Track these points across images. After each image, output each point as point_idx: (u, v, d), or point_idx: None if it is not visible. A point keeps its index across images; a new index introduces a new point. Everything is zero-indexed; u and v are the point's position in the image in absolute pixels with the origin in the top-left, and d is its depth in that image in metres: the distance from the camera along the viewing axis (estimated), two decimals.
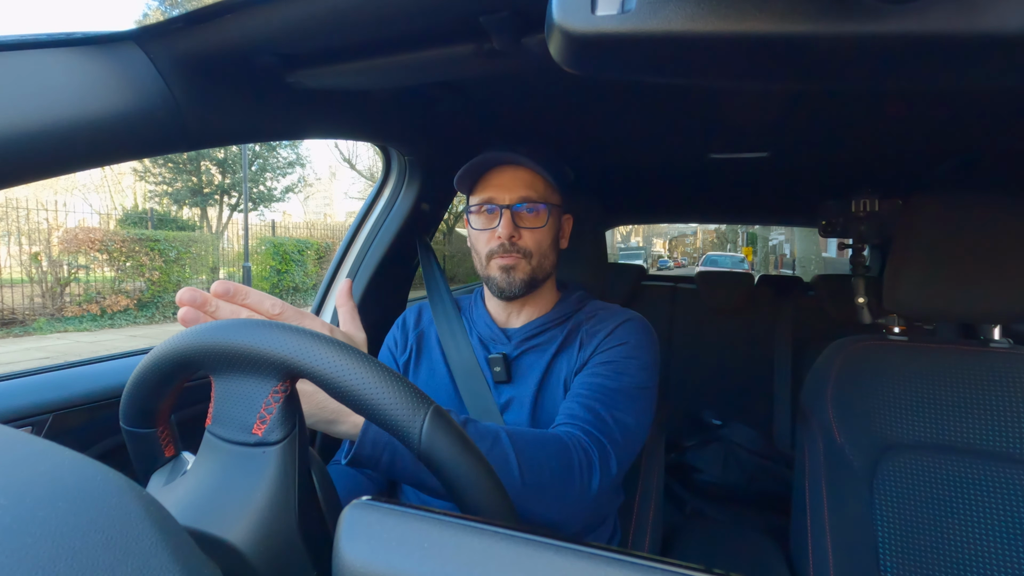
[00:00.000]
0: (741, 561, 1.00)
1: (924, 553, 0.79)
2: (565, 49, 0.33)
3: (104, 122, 0.53)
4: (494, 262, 0.82)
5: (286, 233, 11.77)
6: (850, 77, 0.35)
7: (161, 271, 8.34)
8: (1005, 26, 0.27)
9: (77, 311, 7.57)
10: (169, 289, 8.48)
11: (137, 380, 0.44)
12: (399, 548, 0.27)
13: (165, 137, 0.61)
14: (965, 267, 0.81)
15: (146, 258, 8.13)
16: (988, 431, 0.80)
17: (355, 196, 19.35)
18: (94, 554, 0.22)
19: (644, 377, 0.77)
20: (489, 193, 0.82)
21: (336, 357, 0.37)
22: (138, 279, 8.17)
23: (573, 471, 0.63)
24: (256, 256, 10.30)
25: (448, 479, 0.38)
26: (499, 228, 0.80)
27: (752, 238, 21.28)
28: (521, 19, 0.54)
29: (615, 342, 0.79)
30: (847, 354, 0.91)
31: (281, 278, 10.23)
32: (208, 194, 14.45)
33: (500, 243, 0.80)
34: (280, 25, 0.56)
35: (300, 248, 10.61)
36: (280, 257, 10.21)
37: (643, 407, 0.75)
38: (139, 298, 8.17)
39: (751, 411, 1.99)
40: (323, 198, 25.81)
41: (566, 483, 0.62)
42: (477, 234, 0.84)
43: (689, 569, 0.25)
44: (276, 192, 15.63)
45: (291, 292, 10.33)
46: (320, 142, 12.96)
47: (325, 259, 11.24)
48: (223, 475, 0.40)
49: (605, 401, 0.72)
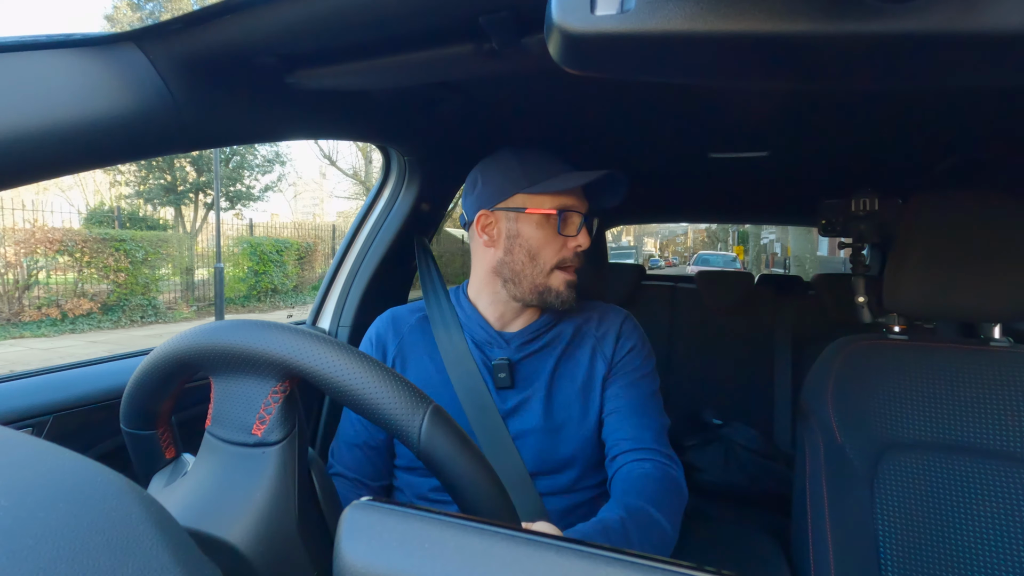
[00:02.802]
0: (742, 561, 1.00)
1: (925, 551, 0.79)
2: (564, 49, 0.33)
3: (103, 123, 0.53)
4: (561, 274, 0.81)
5: (273, 233, 11.40)
6: (850, 77, 0.35)
7: (128, 273, 7.84)
8: (1005, 25, 0.27)
9: (36, 315, 7.18)
10: (137, 292, 8.02)
11: (137, 382, 0.44)
12: (400, 548, 0.27)
13: (165, 138, 0.61)
14: (965, 266, 0.81)
15: (111, 259, 7.61)
16: (989, 430, 0.80)
17: (341, 195, 19.14)
18: (95, 555, 0.22)
19: (655, 371, 0.89)
20: (572, 200, 0.80)
21: (334, 357, 0.37)
22: (102, 281, 7.73)
23: (683, 496, 0.77)
24: (233, 257, 9.90)
25: (448, 478, 0.38)
26: (580, 237, 0.81)
27: (743, 237, 21.23)
28: (521, 19, 0.53)
29: (627, 345, 0.87)
30: (847, 353, 0.91)
31: (259, 279, 9.86)
32: (182, 192, 13.67)
33: (577, 254, 0.81)
34: (280, 25, 0.56)
35: (279, 248, 10.22)
36: (258, 258, 9.82)
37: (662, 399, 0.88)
38: (104, 301, 7.71)
39: (751, 410, 1.99)
40: (311, 198, 25.68)
41: (681, 507, 0.76)
42: (548, 239, 0.80)
43: (689, 569, 0.25)
44: (255, 191, 14.96)
45: (269, 294, 10.04)
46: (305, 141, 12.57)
47: (306, 259, 10.91)
48: (223, 476, 0.40)
49: (651, 413, 0.83)
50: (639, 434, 0.80)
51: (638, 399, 0.83)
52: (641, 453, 0.79)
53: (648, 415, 0.83)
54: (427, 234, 1.21)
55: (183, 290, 9.48)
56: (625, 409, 0.82)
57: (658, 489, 0.73)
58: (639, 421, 0.81)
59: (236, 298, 9.76)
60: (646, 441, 0.80)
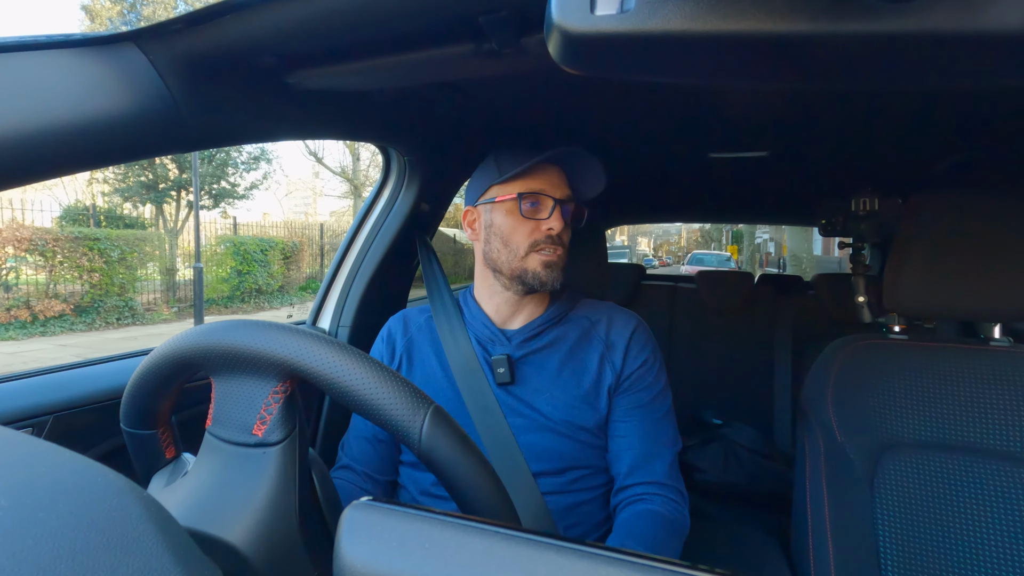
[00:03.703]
0: (742, 560, 1.00)
1: (925, 551, 0.79)
2: (564, 49, 0.33)
3: (103, 123, 0.53)
4: (536, 256, 0.81)
5: (260, 232, 11.01)
6: (850, 77, 0.35)
7: (103, 273, 7.42)
8: (1005, 25, 0.27)
9: (5, 317, 6.83)
10: (112, 293, 7.58)
11: (137, 382, 0.44)
12: (400, 549, 0.27)
13: (165, 138, 0.61)
14: (965, 266, 0.81)
15: (85, 259, 7.20)
16: (989, 429, 0.80)
17: (331, 194, 18.91)
18: (95, 555, 0.22)
19: (667, 387, 0.89)
20: (540, 185, 0.82)
21: (335, 358, 0.37)
22: (76, 282, 7.33)
23: (685, 532, 0.78)
24: (216, 256, 9.53)
25: (448, 479, 0.38)
26: (552, 220, 0.81)
27: (737, 236, 21.18)
28: (520, 19, 0.53)
29: (640, 359, 0.85)
30: (847, 353, 0.91)
31: (243, 279, 9.50)
32: (164, 190, 12.93)
33: (549, 235, 0.81)
34: (280, 25, 0.56)
35: (263, 247, 9.85)
36: (241, 257, 9.46)
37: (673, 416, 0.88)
38: (77, 303, 7.32)
39: (751, 410, 1.99)
40: (302, 197, 25.56)
41: (681, 543, 0.77)
42: (516, 224, 0.82)
43: (689, 569, 0.25)
44: (240, 189, 14.29)
45: (254, 295, 9.73)
46: None
47: (292, 259, 10.65)
48: (223, 476, 0.40)
49: (663, 440, 0.83)
50: (649, 466, 0.80)
51: (649, 423, 0.83)
52: (649, 487, 0.79)
53: (660, 442, 0.82)
54: (427, 233, 1.21)
55: (164, 291, 9.22)
56: (635, 434, 0.82)
57: (663, 533, 0.73)
58: (650, 450, 0.81)
59: (219, 299, 9.42)
60: (656, 474, 0.80)
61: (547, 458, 0.79)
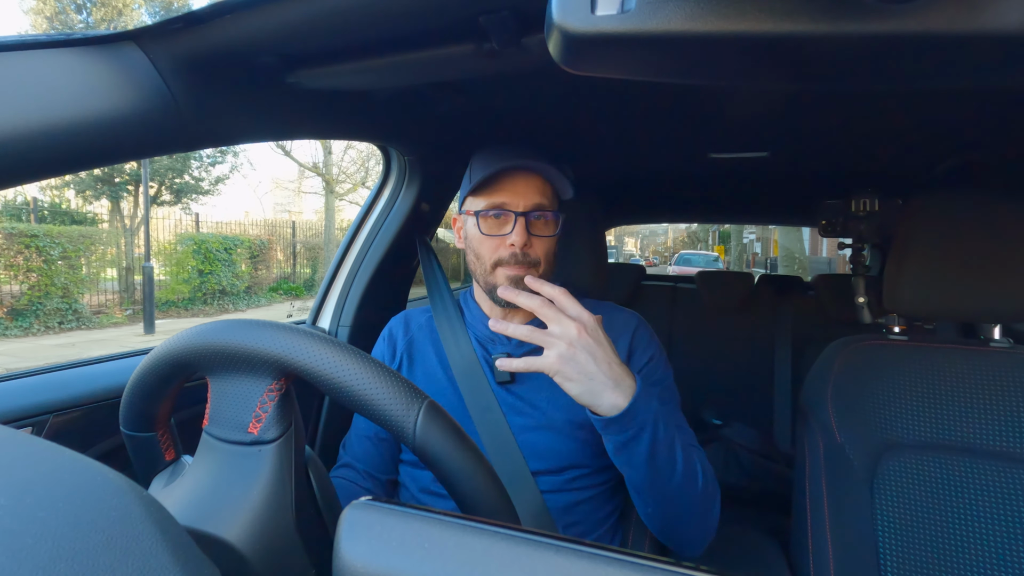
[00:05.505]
0: (741, 561, 1.00)
1: (924, 552, 0.79)
2: (564, 49, 0.33)
3: (103, 122, 0.53)
4: (501, 271, 0.79)
5: (242, 231, 10.46)
6: (850, 77, 0.35)
7: (42, 272, 6.76)
8: (1005, 25, 0.27)
9: None
10: (54, 294, 6.89)
11: (135, 384, 0.44)
12: (399, 548, 0.27)
13: (164, 137, 0.61)
14: (965, 267, 0.81)
15: (20, 257, 6.58)
16: (988, 430, 0.80)
17: (310, 191, 18.24)
18: (94, 554, 0.22)
19: (674, 385, 0.86)
20: (502, 198, 0.78)
21: (329, 354, 0.37)
22: (9, 283, 6.77)
23: (714, 494, 0.77)
24: (176, 255, 8.97)
25: (444, 473, 0.38)
26: (513, 236, 0.77)
27: (724, 236, 21.13)
28: (520, 19, 0.53)
29: (646, 353, 0.84)
30: (847, 354, 0.91)
31: (204, 280, 8.89)
32: (120, 184, 11.95)
33: (512, 252, 0.77)
34: (280, 25, 0.56)
35: (227, 246, 9.19)
36: (203, 256, 8.81)
37: None
38: (12, 305, 6.71)
39: (751, 411, 1.99)
40: (284, 195, 25.37)
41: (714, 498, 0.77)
42: (482, 239, 0.80)
43: (689, 569, 0.25)
44: (204, 184, 13.39)
45: (217, 296, 9.16)
46: None
47: (260, 259, 10.10)
48: (220, 474, 0.40)
49: (683, 428, 0.80)
50: None
51: (665, 415, 0.81)
52: None
53: (680, 431, 0.80)
54: (427, 233, 1.21)
55: (120, 292, 8.62)
56: None
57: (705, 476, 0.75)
58: None
59: (179, 301, 8.87)
60: None
61: (546, 457, 0.79)
